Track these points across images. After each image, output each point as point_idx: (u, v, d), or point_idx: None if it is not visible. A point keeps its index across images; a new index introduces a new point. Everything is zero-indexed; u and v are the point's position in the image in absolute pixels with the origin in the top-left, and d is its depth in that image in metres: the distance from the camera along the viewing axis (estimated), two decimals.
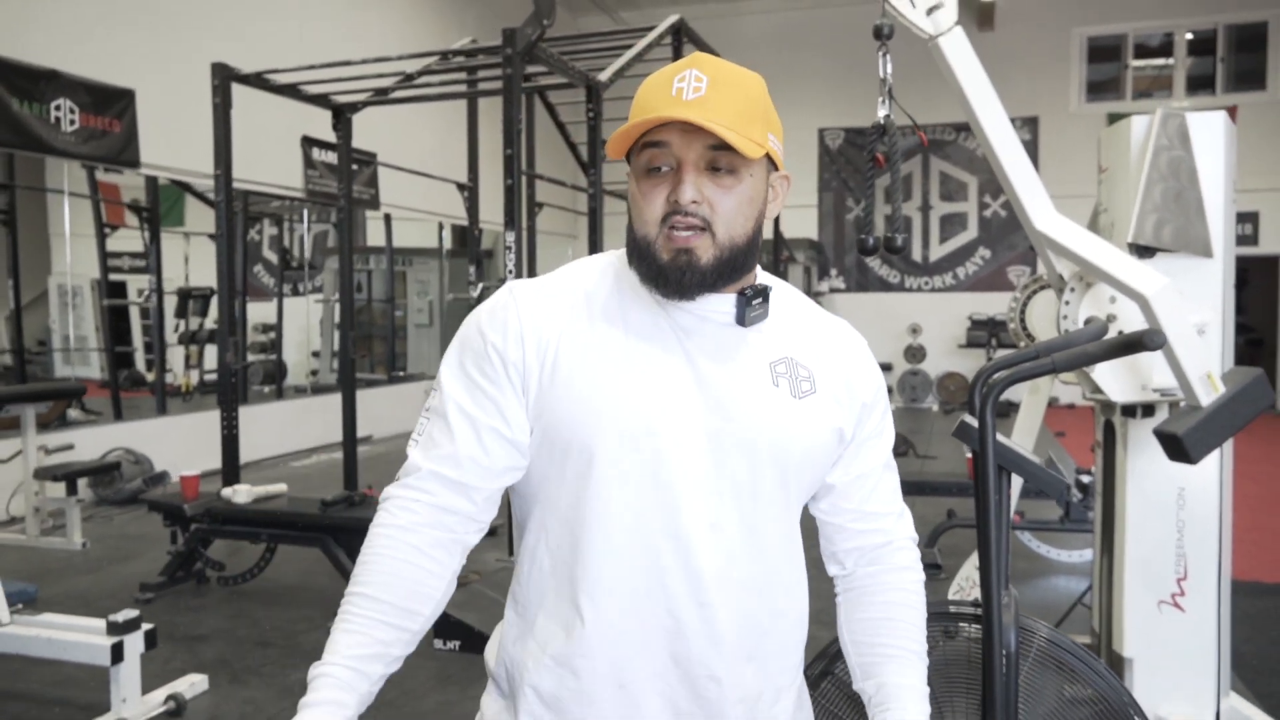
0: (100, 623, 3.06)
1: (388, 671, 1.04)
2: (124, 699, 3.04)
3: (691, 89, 1.02)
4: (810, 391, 1.11)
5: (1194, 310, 2.32)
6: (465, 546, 1.11)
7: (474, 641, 3.66)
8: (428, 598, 1.06)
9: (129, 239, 8.98)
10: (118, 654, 2.99)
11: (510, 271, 4.77)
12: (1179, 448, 2.19)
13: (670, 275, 1.04)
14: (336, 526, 4.29)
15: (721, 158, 1.03)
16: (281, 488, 4.70)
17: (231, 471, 5.18)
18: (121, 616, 3.03)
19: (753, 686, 1.10)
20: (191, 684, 3.34)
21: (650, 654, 1.06)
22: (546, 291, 1.12)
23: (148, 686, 3.19)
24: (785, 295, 1.17)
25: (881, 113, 2.39)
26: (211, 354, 9.71)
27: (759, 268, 1.15)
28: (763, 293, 1.10)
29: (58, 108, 6.39)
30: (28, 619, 3.15)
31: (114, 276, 9.19)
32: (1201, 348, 2.27)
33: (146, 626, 3.09)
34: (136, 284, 9.87)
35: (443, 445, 1.09)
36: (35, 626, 3.10)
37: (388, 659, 1.03)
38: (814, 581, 1.19)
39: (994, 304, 12.82)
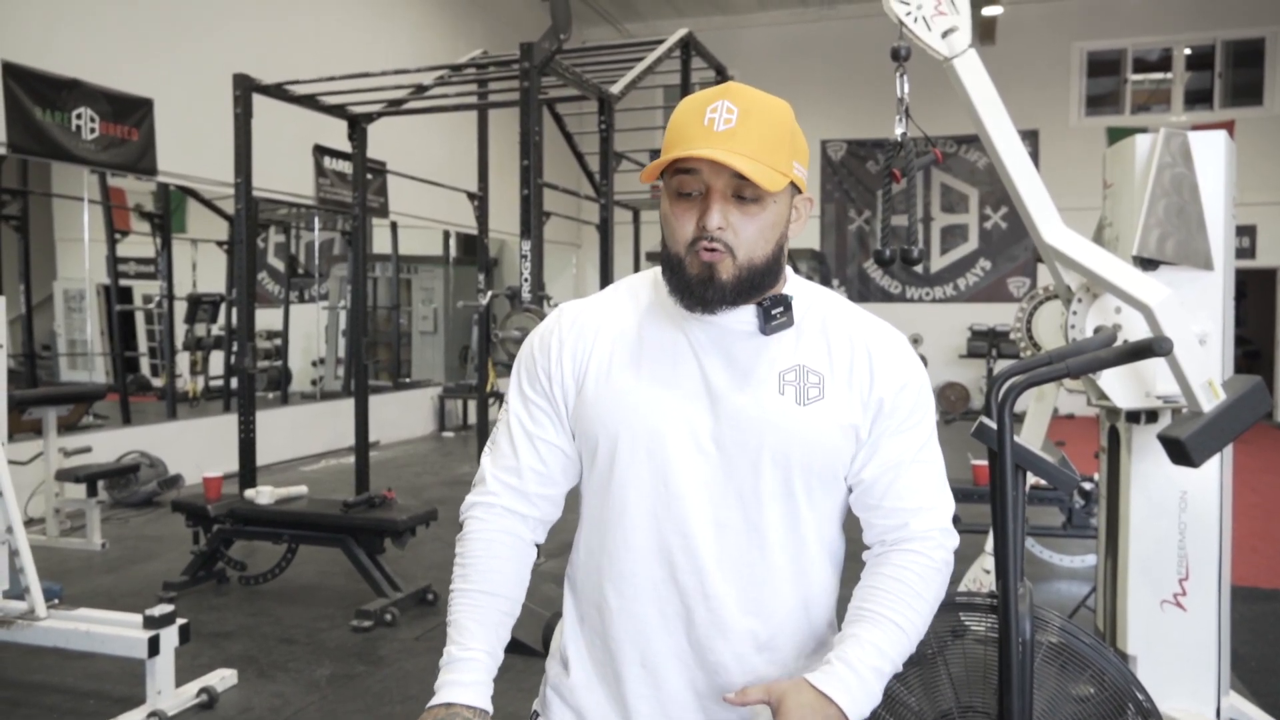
0: (136, 617, 3.15)
1: (503, 650, 1.24)
2: (159, 691, 3.13)
3: (723, 120, 1.10)
4: (818, 397, 1.17)
5: (1196, 320, 2.43)
6: (535, 541, 1.29)
7: None
8: (519, 584, 1.27)
9: (133, 245, 9.06)
10: (154, 647, 3.08)
11: (526, 280, 4.88)
12: (1182, 452, 2.30)
13: (695, 290, 1.14)
14: (358, 527, 4.38)
15: (747, 187, 1.11)
16: (302, 490, 4.79)
17: (249, 474, 5.28)
18: (157, 611, 3.12)
19: (765, 673, 1.19)
20: (222, 678, 3.43)
21: (669, 638, 1.19)
22: (587, 313, 1.26)
23: (179, 681, 3.27)
24: (814, 301, 1.24)
25: (899, 130, 2.50)
26: (217, 360, 9.82)
27: (792, 275, 1.24)
28: (783, 302, 1.18)
29: (79, 116, 6.51)
30: (64, 613, 3.24)
31: (121, 282, 9.27)
32: (1203, 356, 2.38)
33: (181, 621, 3.19)
34: (141, 289, 9.97)
35: (507, 456, 1.27)
36: (73, 621, 3.19)
37: (504, 640, 1.24)
38: (845, 572, 1.27)
39: (994, 315, 12.93)
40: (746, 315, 1.18)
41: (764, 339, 1.18)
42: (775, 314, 1.17)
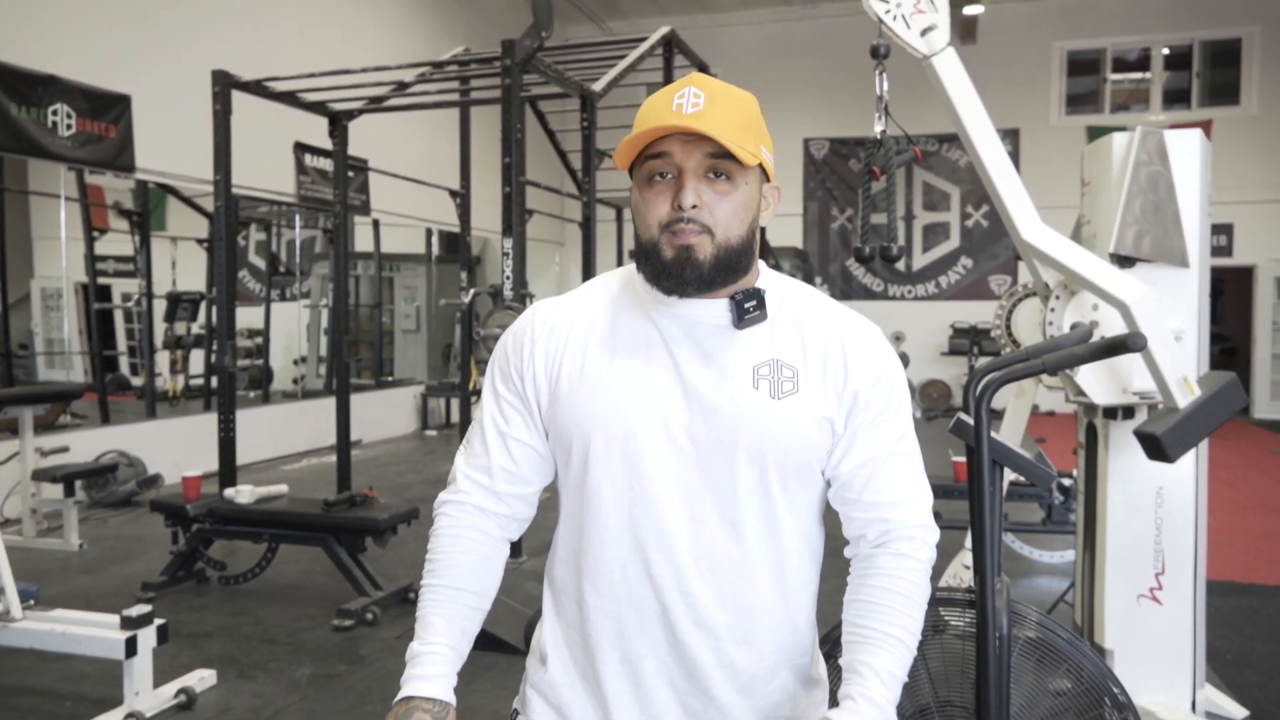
0: (113, 618, 3.12)
1: (470, 644, 1.25)
2: (136, 692, 3.10)
3: (690, 104, 1.13)
4: (792, 391, 1.16)
5: (1172, 317, 2.45)
6: (507, 539, 1.30)
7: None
8: (488, 580, 1.28)
9: (112, 242, 8.98)
10: (131, 648, 3.05)
11: (508, 277, 4.86)
12: (1158, 447, 2.32)
13: (672, 272, 1.14)
14: (339, 526, 4.36)
15: (719, 165, 1.13)
16: (282, 489, 4.76)
17: (229, 473, 5.24)
18: (135, 611, 3.09)
19: (743, 668, 1.19)
20: (201, 679, 3.40)
21: (647, 635, 1.19)
22: (560, 310, 1.26)
23: (157, 681, 3.25)
24: (789, 294, 1.23)
25: (878, 128, 2.51)
26: (197, 359, 9.75)
27: (764, 268, 1.24)
28: (756, 296, 1.18)
29: (55, 112, 6.44)
30: (41, 614, 3.21)
31: (99, 280, 9.18)
32: (1178, 352, 2.41)
33: (159, 621, 3.16)
34: (120, 288, 9.88)
35: (479, 455, 1.27)
36: (49, 622, 3.16)
37: (470, 634, 1.25)
38: (825, 566, 1.27)
39: (976, 312, 13.01)
40: (719, 309, 1.18)
41: (737, 333, 1.18)
42: (748, 308, 1.17)
